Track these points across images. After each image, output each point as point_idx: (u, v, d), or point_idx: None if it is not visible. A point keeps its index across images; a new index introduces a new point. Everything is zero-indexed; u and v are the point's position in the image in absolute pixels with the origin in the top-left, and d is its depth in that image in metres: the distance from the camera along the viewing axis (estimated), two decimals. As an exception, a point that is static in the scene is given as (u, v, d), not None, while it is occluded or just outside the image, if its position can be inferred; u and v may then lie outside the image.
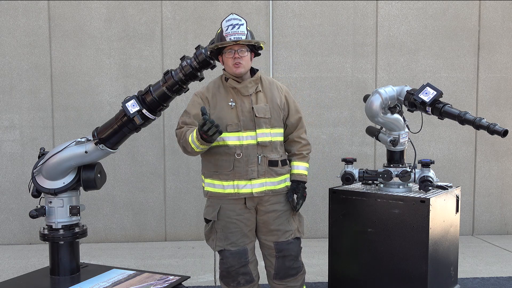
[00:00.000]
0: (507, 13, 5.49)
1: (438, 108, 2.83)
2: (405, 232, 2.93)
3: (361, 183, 3.31)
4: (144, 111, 3.02)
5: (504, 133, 2.67)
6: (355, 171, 3.24)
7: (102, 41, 5.25)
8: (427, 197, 2.88)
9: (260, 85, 2.82)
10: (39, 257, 4.70)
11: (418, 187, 3.07)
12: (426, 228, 2.85)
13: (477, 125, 2.74)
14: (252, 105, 2.74)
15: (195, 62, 2.93)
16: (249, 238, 2.80)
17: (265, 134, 2.73)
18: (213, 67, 3.00)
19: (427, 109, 2.87)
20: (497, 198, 5.63)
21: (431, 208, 2.84)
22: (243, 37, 2.64)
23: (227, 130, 2.69)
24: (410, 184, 3.19)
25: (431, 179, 3.02)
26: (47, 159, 3.19)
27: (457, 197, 3.26)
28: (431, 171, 3.10)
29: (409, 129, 3.23)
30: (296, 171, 2.86)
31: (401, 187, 3.13)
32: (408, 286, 2.92)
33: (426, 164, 3.09)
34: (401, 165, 3.19)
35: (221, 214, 2.75)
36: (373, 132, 3.40)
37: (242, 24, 2.66)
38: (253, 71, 2.83)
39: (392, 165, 3.20)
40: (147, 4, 5.26)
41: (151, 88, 3.05)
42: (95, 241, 5.26)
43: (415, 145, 3.22)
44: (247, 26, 2.68)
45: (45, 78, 5.24)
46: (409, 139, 3.24)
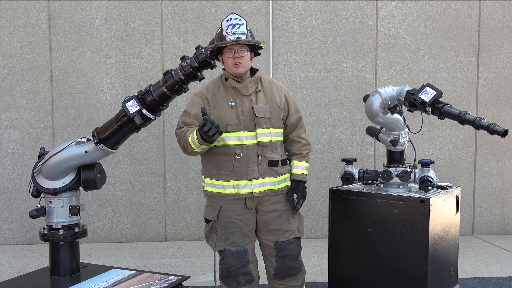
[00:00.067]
0: (507, 13, 5.49)
1: (438, 108, 2.83)
2: (405, 232, 2.93)
3: (361, 183, 3.31)
4: (144, 111, 3.02)
5: (504, 133, 2.67)
6: (355, 171, 3.24)
7: (102, 41, 5.25)
8: (427, 197, 2.88)
9: (260, 85, 2.81)
10: (39, 257, 4.70)
11: (418, 187, 3.07)
12: (426, 228, 2.85)
13: (477, 125, 2.74)
14: (252, 105, 2.74)
15: (195, 62, 2.93)
16: (250, 238, 2.80)
17: (265, 134, 2.73)
18: (213, 67, 3.00)
19: (427, 109, 2.87)
20: (497, 198, 5.63)
21: (431, 208, 2.84)
22: (243, 37, 2.64)
23: (227, 130, 2.69)
24: (410, 184, 3.19)
25: (431, 179, 3.02)
26: (47, 159, 3.19)
27: (457, 197, 3.26)
28: (431, 171, 3.10)
29: (409, 129, 3.23)
30: (296, 170, 2.86)
31: (401, 187, 3.13)
32: (408, 286, 2.91)
33: (426, 164, 3.09)
34: (401, 165, 3.19)
35: (221, 214, 2.75)
36: (373, 132, 3.40)
37: (242, 24, 2.66)
38: (253, 71, 2.83)
39: (392, 165, 3.20)
40: (147, 4, 5.26)
41: (151, 88, 3.05)
42: (95, 241, 5.26)
43: (415, 145, 3.22)
44: (247, 26, 2.68)
45: (45, 78, 5.24)
46: (409, 139, 3.23)
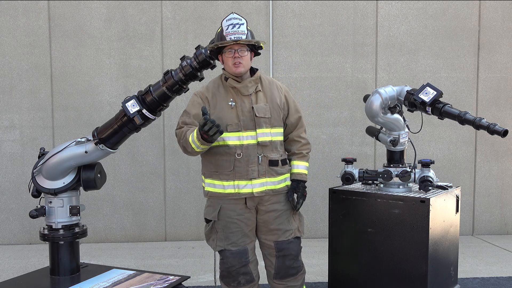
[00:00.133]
0: (507, 13, 5.49)
1: (438, 108, 2.83)
2: (405, 232, 2.92)
3: (361, 183, 3.31)
4: (144, 111, 3.02)
5: (504, 133, 2.67)
6: (355, 171, 3.24)
7: (102, 41, 5.25)
8: (427, 197, 2.88)
9: (260, 84, 2.81)
10: (39, 257, 4.70)
11: (418, 187, 3.07)
12: (426, 228, 2.85)
13: (477, 125, 2.74)
14: (252, 104, 2.73)
15: (195, 62, 2.93)
16: (250, 238, 2.80)
17: (265, 134, 2.73)
18: (213, 67, 2.99)
19: (427, 109, 2.87)
20: (497, 198, 5.62)
21: (431, 208, 2.84)
22: (243, 37, 2.64)
23: (227, 130, 2.69)
24: (410, 184, 3.19)
25: (431, 179, 3.02)
26: (47, 159, 3.19)
27: (457, 197, 3.25)
28: (431, 171, 3.09)
29: (409, 129, 3.23)
30: (296, 170, 2.86)
31: (401, 187, 3.13)
32: (408, 286, 2.91)
33: (426, 164, 3.09)
34: (401, 165, 3.19)
35: (221, 214, 2.75)
36: (373, 132, 3.40)
37: (243, 24, 2.66)
38: (252, 70, 2.83)
39: (392, 165, 3.20)
40: (147, 4, 5.26)
41: (151, 88, 3.04)
42: (95, 241, 5.26)
43: (415, 145, 3.22)
44: (247, 26, 2.68)
45: (45, 78, 5.24)
46: (409, 139, 3.23)
